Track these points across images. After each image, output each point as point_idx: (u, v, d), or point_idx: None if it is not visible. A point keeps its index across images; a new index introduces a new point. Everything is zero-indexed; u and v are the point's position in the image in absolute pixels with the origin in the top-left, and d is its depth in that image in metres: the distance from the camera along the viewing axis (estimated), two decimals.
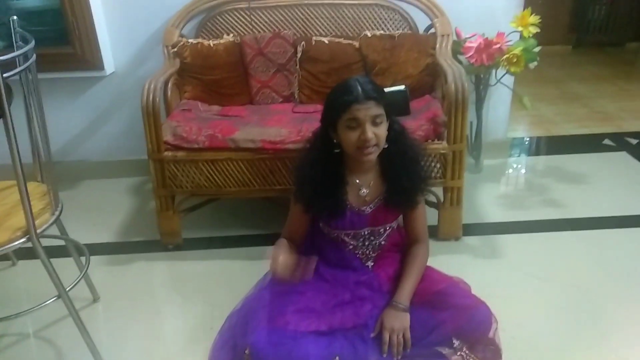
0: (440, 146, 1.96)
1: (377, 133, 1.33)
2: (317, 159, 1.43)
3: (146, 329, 1.76)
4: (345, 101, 1.31)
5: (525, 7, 2.40)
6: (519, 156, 3.03)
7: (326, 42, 2.35)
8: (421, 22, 2.43)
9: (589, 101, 3.88)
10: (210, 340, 1.50)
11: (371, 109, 1.31)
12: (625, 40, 5.45)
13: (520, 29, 2.32)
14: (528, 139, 3.28)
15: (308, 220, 1.52)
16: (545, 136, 3.29)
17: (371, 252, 1.51)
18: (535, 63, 2.36)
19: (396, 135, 1.42)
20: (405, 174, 1.43)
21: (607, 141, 3.12)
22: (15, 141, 1.33)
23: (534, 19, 2.29)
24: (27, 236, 1.43)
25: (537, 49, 2.33)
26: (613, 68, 4.78)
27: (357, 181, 1.45)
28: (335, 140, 1.39)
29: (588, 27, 5.41)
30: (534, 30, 2.30)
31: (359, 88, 1.31)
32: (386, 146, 1.39)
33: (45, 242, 1.52)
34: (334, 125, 1.36)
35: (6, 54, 1.27)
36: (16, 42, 1.58)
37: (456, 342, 1.32)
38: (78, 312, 1.61)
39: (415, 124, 1.94)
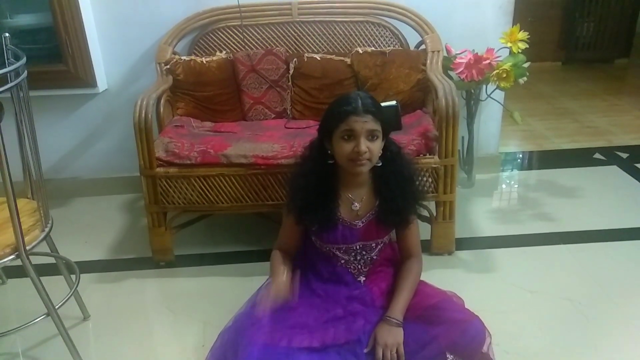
0: (432, 160, 1.97)
1: (370, 148, 1.34)
2: (310, 169, 1.44)
3: (137, 348, 1.74)
4: (344, 111, 1.33)
5: (514, 24, 2.43)
6: (510, 170, 3.05)
7: (318, 58, 2.37)
8: (412, 38, 2.46)
9: (579, 116, 3.92)
10: (202, 358, 1.48)
11: (368, 123, 1.32)
12: (614, 57, 5.53)
13: (509, 45, 2.34)
14: (519, 153, 3.30)
15: (300, 232, 1.51)
16: (537, 151, 3.32)
17: (363, 267, 1.50)
18: (525, 78, 2.39)
19: (392, 155, 1.44)
20: (400, 194, 1.44)
21: (597, 155, 3.15)
22: (6, 157, 1.33)
23: (523, 35, 2.32)
24: (16, 253, 1.42)
25: (526, 65, 2.36)
26: (602, 84, 4.83)
27: (350, 195, 1.45)
28: (329, 151, 1.40)
29: (577, 44, 5.50)
30: (522, 46, 2.33)
31: (359, 101, 1.33)
32: (380, 164, 1.40)
33: (36, 259, 1.51)
34: (330, 136, 1.37)
35: None
36: (8, 59, 1.58)
37: (450, 357, 1.30)
38: (67, 331, 1.59)
39: (407, 139, 1.95)
